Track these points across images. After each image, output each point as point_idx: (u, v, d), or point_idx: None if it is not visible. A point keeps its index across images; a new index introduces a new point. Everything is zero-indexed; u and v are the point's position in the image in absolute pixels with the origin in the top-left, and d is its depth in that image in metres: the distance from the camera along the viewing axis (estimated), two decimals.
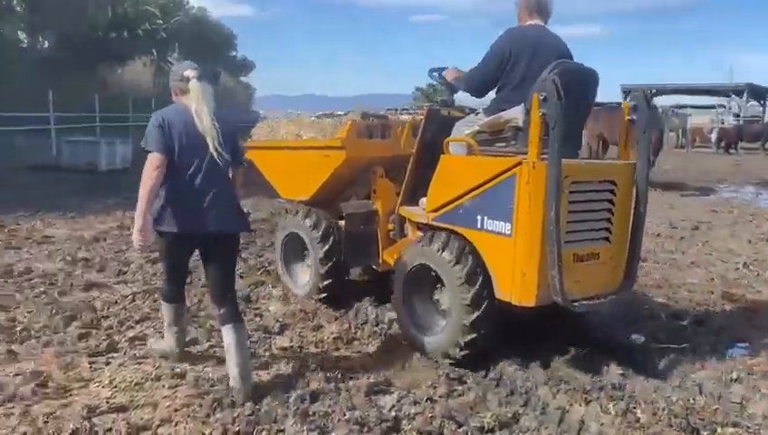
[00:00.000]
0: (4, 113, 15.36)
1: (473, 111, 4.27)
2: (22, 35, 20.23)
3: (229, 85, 55.64)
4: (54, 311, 4.46)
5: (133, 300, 4.86)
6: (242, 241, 7.03)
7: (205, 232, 3.32)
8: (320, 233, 4.74)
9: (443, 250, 3.67)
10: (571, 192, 3.43)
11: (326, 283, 4.78)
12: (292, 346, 4.00)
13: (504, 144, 3.74)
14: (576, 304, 3.47)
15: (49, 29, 20.69)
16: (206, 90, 3.28)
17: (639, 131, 3.74)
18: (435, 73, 4.33)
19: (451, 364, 3.70)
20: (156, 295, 4.75)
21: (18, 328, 4.11)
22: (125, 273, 5.67)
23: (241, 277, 5.65)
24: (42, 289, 5.05)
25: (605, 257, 3.69)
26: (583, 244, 3.59)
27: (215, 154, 3.22)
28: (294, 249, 5.15)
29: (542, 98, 3.25)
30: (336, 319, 4.57)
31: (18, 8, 19.16)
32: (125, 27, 27.21)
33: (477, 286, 3.55)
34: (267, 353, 3.85)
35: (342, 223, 4.63)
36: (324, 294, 4.83)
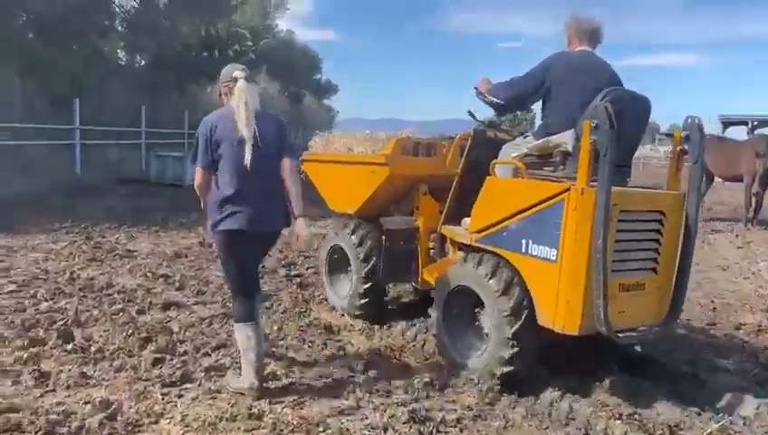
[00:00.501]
0: (99, 127, 15.90)
1: (521, 133, 4.21)
2: (121, 54, 21.15)
3: (312, 107, 56.84)
4: (131, 331, 4.24)
5: (211, 323, 4.61)
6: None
7: (261, 232, 3.40)
8: (363, 251, 4.80)
9: (490, 277, 3.59)
10: (619, 221, 3.36)
11: (364, 301, 4.84)
12: (377, 389, 3.58)
13: (551, 168, 3.62)
14: (621, 335, 3.38)
15: (145, 48, 21.48)
16: (250, 89, 3.35)
17: (691, 162, 3.63)
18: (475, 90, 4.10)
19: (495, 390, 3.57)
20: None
21: (93, 348, 3.91)
22: (204, 293, 5.45)
23: (319, 303, 5.35)
24: (120, 306, 4.88)
25: (651, 288, 3.60)
26: (630, 274, 3.51)
27: (247, 153, 3.24)
28: (338, 262, 5.18)
29: (593, 125, 3.19)
30: (426, 360, 4.14)
31: (119, 28, 20.05)
32: (216, 48, 28.13)
33: (522, 320, 3.48)
34: (351, 396, 3.44)
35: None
36: (361, 312, 4.87)
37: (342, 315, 4.98)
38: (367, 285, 4.78)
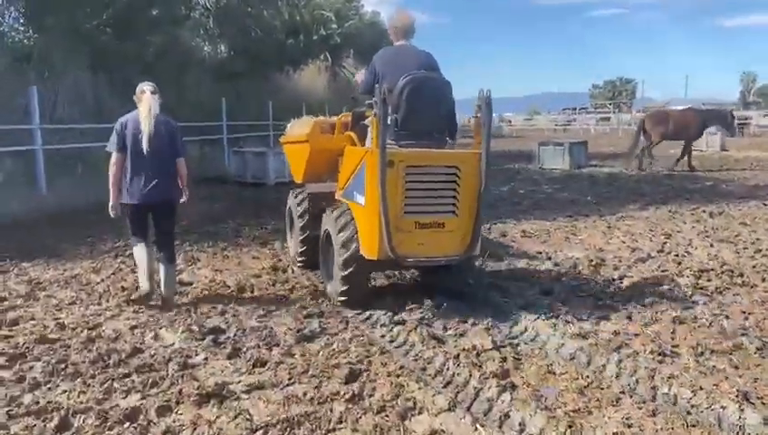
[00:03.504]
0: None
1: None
2: (200, 43, 20.05)
3: None
4: None
5: (257, 432, 2.84)
6: None
7: (149, 203, 4.69)
8: (299, 211, 5.81)
9: (336, 220, 4.70)
10: (407, 174, 4.34)
11: (302, 249, 5.80)
12: None
13: None
14: (410, 260, 4.43)
15: (226, 36, 20.28)
16: (153, 100, 4.58)
17: (483, 127, 4.49)
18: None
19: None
20: None
21: None
22: (264, 365, 3.68)
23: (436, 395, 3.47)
24: (136, 398, 3.21)
25: (452, 227, 4.46)
26: (426, 215, 4.42)
27: (145, 146, 4.51)
28: (292, 220, 6.22)
29: (374, 102, 4.29)
30: None
31: (197, 15, 18.89)
32: (300, 32, 26.80)
33: (351, 251, 4.50)
34: None
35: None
36: (301, 258, 5.87)
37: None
38: (302, 237, 5.75)
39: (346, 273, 4.52)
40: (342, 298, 4.64)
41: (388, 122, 4.34)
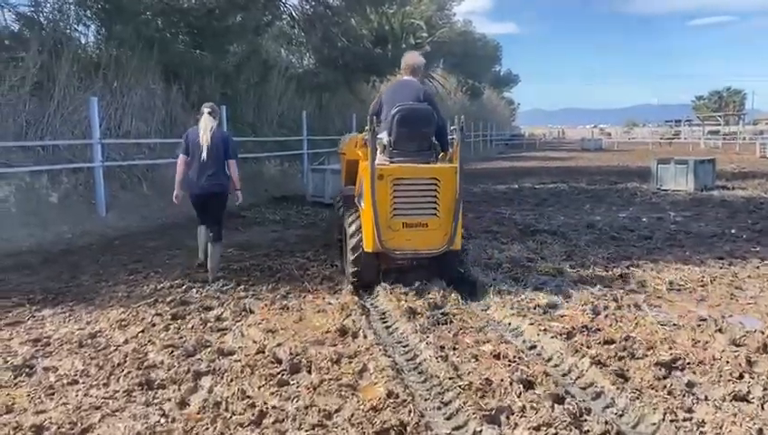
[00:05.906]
0: (255, 138, 13.73)
1: None
2: (285, 53, 19.20)
3: (492, 101, 53.04)
4: None
5: None
6: None
7: (202, 193, 6.04)
8: (337, 207, 6.90)
9: (349, 225, 5.70)
10: (395, 184, 5.37)
11: (338, 237, 6.66)
12: None
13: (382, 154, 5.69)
14: (398, 252, 5.42)
15: (312, 45, 19.34)
16: (209, 118, 6.00)
17: (457, 146, 5.54)
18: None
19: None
20: None
21: None
22: None
23: None
24: None
25: (434, 226, 5.45)
26: (411, 216, 5.43)
27: (204, 154, 5.91)
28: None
29: (369, 129, 5.40)
30: None
31: (282, 23, 18.04)
32: (389, 41, 25.64)
33: (358, 252, 5.52)
34: None
35: None
36: (340, 245, 6.55)
37: None
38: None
39: (355, 269, 5.59)
40: (353, 285, 5.66)
41: (384, 143, 5.60)
